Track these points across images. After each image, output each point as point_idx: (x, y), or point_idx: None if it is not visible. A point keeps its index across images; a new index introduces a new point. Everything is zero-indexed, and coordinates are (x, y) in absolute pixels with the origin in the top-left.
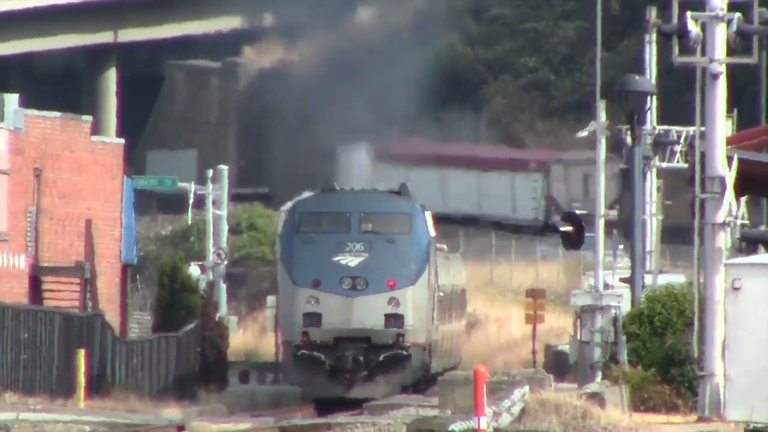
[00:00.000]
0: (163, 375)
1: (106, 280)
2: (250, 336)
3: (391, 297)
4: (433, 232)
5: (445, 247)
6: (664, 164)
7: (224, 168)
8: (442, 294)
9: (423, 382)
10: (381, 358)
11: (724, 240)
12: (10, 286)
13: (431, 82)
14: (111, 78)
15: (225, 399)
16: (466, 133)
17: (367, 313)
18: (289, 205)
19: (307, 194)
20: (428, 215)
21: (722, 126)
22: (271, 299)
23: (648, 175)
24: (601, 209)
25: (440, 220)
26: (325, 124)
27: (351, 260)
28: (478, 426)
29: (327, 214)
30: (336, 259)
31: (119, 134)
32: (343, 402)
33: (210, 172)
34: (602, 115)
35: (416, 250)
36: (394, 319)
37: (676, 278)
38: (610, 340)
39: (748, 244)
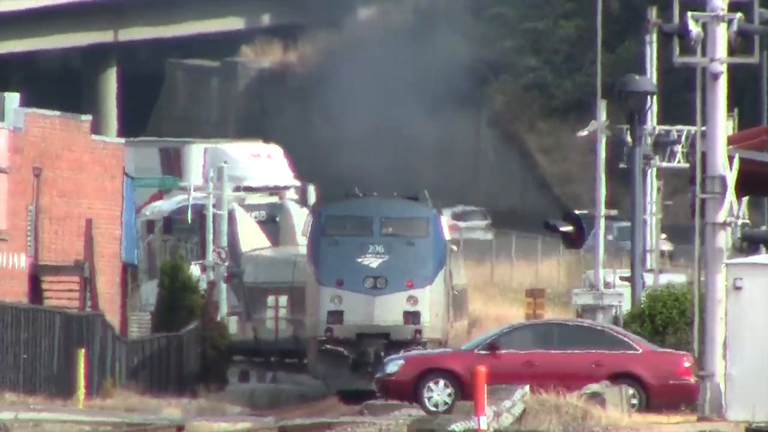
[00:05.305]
0: (164, 374)
1: (106, 280)
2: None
3: (410, 296)
4: (448, 236)
5: (454, 248)
6: (665, 164)
7: (224, 167)
8: (456, 293)
9: None
10: (401, 352)
11: (724, 240)
12: (9, 286)
13: (431, 82)
14: (111, 78)
15: (225, 398)
16: (467, 132)
17: (388, 310)
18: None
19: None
20: (444, 220)
21: (723, 126)
22: (271, 299)
23: (648, 175)
24: (601, 209)
25: None
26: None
27: (372, 261)
28: (479, 426)
29: (350, 218)
30: (358, 260)
31: (119, 134)
32: (364, 394)
33: (211, 172)
34: (603, 115)
35: (433, 252)
36: (412, 316)
37: (677, 278)
38: None
39: (749, 244)
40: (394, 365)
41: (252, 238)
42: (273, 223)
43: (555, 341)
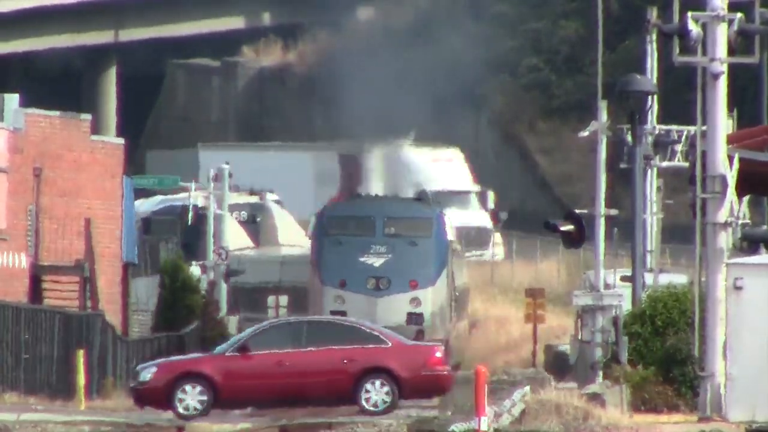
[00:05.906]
0: None
1: (106, 280)
2: None
3: (413, 297)
4: (451, 236)
5: (458, 247)
6: (665, 164)
7: (225, 167)
8: (458, 294)
9: None
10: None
11: (725, 239)
12: (9, 286)
13: (431, 82)
14: (111, 78)
15: None
16: (467, 132)
17: (390, 311)
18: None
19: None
20: (447, 220)
21: (723, 125)
22: (271, 299)
23: (648, 175)
24: (601, 209)
25: None
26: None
27: (375, 261)
28: (479, 426)
29: (353, 218)
30: (361, 259)
31: (119, 134)
32: None
33: (211, 171)
34: (603, 115)
35: (436, 252)
36: (415, 318)
37: (677, 278)
38: (610, 341)
39: (749, 243)
40: (147, 373)
41: (234, 238)
42: (254, 223)
43: (305, 339)
